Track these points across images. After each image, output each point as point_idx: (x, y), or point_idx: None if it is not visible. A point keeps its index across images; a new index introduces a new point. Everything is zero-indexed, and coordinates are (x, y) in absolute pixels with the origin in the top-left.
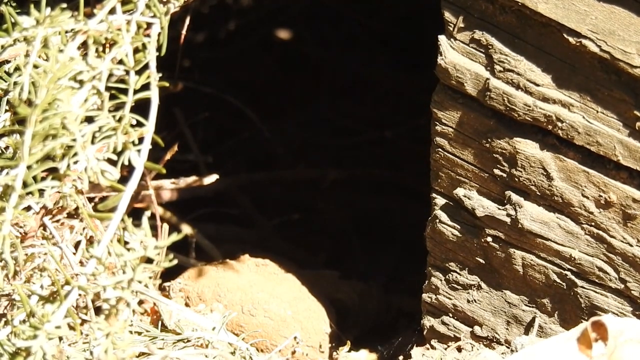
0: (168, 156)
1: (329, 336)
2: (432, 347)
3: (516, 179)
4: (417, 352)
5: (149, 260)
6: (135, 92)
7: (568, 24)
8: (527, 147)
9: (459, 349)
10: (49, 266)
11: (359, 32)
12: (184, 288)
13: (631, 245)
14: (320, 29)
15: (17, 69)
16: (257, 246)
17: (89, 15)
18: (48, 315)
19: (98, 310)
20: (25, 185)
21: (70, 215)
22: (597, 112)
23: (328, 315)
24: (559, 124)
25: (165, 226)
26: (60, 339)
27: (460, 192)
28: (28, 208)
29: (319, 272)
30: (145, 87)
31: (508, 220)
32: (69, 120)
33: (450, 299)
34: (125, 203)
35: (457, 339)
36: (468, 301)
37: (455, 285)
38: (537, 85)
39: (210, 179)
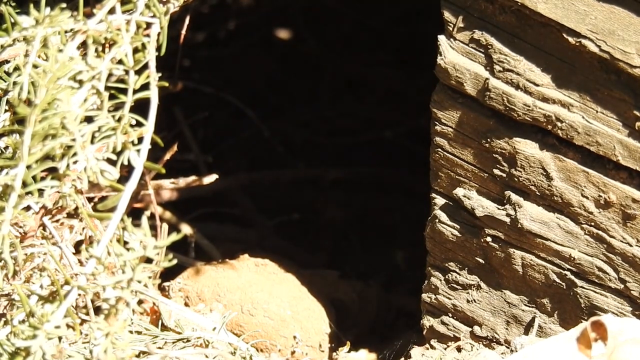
0: (168, 156)
1: (328, 336)
2: (432, 347)
3: (516, 179)
4: (416, 352)
5: (149, 260)
6: (135, 91)
7: (568, 23)
8: (527, 147)
9: (459, 349)
10: (48, 266)
11: (359, 32)
12: (183, 288)
13: (631, 245)
14: (320, 29)
15: (16, 68)
16: (256, 246)
17: (89, 15)
18: (47, 315)
19: (97, 310)
20: (24, 185)
21: (69, 215)
22: (597, 112)
23: (328, 315)
24: (559, 124)
25: (165, 226)
26: (60, 338)
27: (459, 192)
28: (27, 208)
29: (318, 272)
30: (145, 86)
31: (507, 220)
32: (69, 120)
33: (450, 298)
34: (125, 203)
35: (456, 339)
36: (468, 301)
37: (454, 285)
38: (537, 85)
39: (210, 178)
